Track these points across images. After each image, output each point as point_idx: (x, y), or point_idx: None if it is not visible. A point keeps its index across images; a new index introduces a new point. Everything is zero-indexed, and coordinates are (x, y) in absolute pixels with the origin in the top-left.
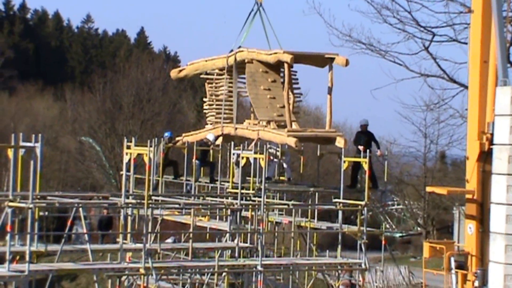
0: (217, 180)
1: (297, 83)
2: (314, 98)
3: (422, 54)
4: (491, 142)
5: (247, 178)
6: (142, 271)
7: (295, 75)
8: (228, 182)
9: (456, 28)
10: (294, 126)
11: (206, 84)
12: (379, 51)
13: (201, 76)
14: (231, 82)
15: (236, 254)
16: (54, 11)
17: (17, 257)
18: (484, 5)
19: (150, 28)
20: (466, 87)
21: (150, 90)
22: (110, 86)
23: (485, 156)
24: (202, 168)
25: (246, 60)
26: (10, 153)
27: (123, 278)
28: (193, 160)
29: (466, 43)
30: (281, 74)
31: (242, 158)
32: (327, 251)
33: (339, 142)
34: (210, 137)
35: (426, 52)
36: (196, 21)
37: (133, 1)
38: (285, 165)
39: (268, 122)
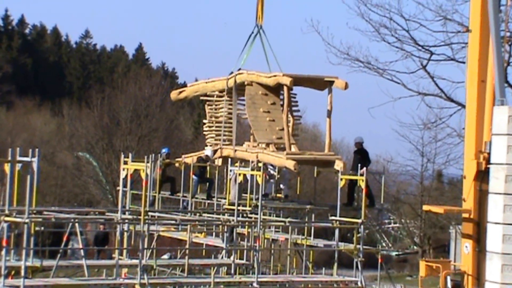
0: (213, 197)
1: (297, 105)
2: (312, 116)
3: (419, 73)
4: (488, 162)
5: (244, 194)
6: (137, 287)
7: (294, 97)
8: (225, 198)
9: (454, 47)
10: (293, 148)
11: (206, 106)
12: (377, 70)
13: (201, 98)
14: (231, 104)
15: (232, 271)
16: (53, 27)
17: (13, 272)
18: (482, 24)
19: (148, 44)
20: (464, 106)
21: (148, 106)
22: (107, 102)
23: (482, 175)
24: (199, 185)
25: (245, 83)
26: (7, 167)
27: None
28: (191, 175)
29: (463, 62)
30: (281, 97)
31: (239, 174)
32: (323, 268)
33: (338, 165)
34: (208, 152)
35: (424, 71)
36: (194, 37)
37: (131, 17)
38: (281, 185)
39: (267, 144)
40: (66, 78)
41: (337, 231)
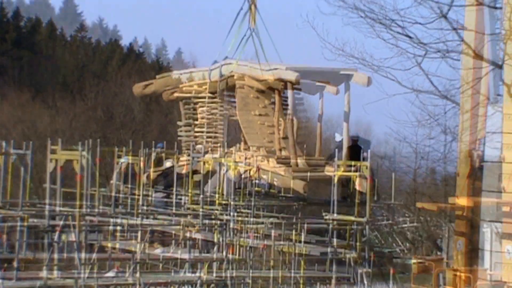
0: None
1: (287, 109)
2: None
3: (414, 70)
4: (481, 159)
5: (237, 189)
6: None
7: (285, 100)
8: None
9: (449, 45)
10: (284, 153)
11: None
12: (372, 66)
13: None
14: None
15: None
16: (48, 20)
17: (5, 265)
18: (477, 22)
19: (142, 38)
20: (458, 104)
21: (142, 100)
22: (102, 95)
23: (476, 173)
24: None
25: (237, 85)
26: (1, 160)
27: None
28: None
29: (459, 60)
30: (272, 100)
31: (230, 169)
32: (316, 265)
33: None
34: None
35: (419, 68)
36: (188, 32)
37: (126, 11)
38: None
39: (258, 148)
40: (60, 71)
41: (330, 229)
